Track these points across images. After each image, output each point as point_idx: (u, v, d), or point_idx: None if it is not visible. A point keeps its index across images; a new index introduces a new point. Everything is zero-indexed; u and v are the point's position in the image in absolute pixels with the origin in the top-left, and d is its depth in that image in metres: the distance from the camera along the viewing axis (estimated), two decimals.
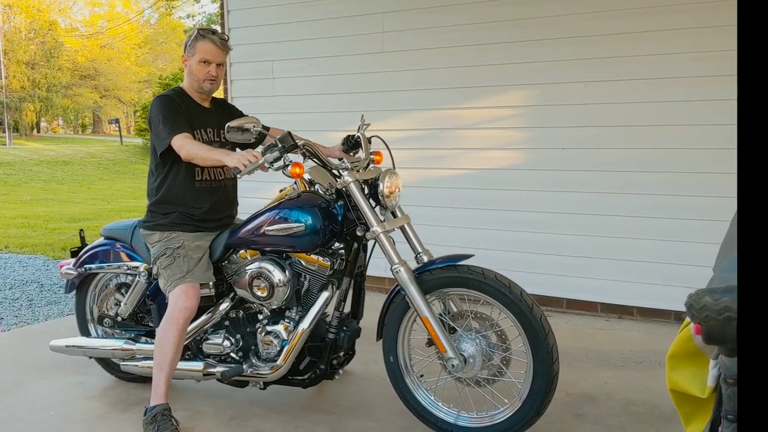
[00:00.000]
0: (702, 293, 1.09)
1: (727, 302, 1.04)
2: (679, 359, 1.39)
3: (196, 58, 3.09)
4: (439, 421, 2.92)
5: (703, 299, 1.08)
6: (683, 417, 1.43)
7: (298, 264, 3.07)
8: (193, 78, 3.13)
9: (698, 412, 1.39)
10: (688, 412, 1.41)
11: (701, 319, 1.08)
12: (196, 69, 3.10)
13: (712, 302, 1.06)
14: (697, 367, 1.36)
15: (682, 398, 1.40)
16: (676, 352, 1.39)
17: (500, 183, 5.01)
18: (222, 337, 3.21)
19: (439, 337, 2.78)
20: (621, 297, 4.70)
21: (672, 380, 1.42)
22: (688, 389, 1.38)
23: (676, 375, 1.40)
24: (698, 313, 1.09)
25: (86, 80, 41.75)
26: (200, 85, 3.13)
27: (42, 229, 9.88)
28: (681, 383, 1.39)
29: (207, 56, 3.08)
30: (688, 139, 4.39)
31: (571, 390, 3.44)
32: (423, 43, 5.15)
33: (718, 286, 1.08)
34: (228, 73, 5.99)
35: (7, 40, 37.44)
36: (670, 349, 1.42)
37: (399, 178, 3.06)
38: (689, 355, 1.37)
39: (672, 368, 1.41)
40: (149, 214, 3.25)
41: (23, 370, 3.82)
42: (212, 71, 3.10)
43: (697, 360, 1.36)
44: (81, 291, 3.66)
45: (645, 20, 4.42)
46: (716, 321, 1.06)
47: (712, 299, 1.07)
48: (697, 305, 1.09)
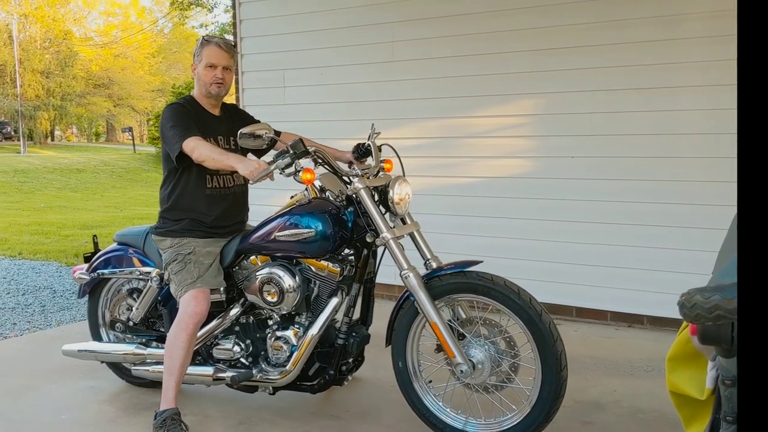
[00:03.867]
0: (693, 292, 1.10)
1: (717, 300, 1.06)
2: (678, 361, 1.41)
3: (202, 63, 3.14)
4: (447, 427, 2.92)
5: (694, 298, 1.10)
6: (683, 419, 1.44)
7: (308, 270, 3.09)
8: (202, 84, 3.17)
9: (698, 415, 1.40)
10: (688, 415, 1.42)
11: (693, 318, 1.10)
12: (203, 74, 3.15)
13: (703, 301, 1.08)
14: (696, 369, 1.37)
15: (681, 400, 1.42)
16: (676, 354, 1.40)
17: (509, 191, 5.03)
18: (232, 343, 3.24)
19: (448, 343, 2.79)
20: (631, 305, 4.69)
21: (671, 382, 1.43)
22: (687, 391, 1.39)
23: (676, 377, 1.41)
24: (689, 312, 1.10)
25: (100, 89, 42.18)
26: (208, 90, 3.17)
27: (55, 235, 9.97)
28: (680, 385, 1.40)
29: (212, 60, 3.13)
30: (698, 147, 4.39)
31: (579, 398, 3.44)
32: (433, 52, 5.18)
33: (710, 286, 1.09)
34: (240, 82, 6.05)
35: (22, 49, 37.87)
36: (669, 352, 1.43)
37: (409, 186, 3.08)
38: (688, 357, 1.38)
39: (671, 370, 1.43)
40: (161, 220, 3.28)
41: (36, 374, 3.86)
42: (218, 74, 3.15)
43: (696, 362, 1.37)
44: (93, 296, 3.69)
45: (652, 30, 4.43)
46: (707, 319, 1.08)
47: (702, 298, 1.08)
48: (688, 304, 1.10)
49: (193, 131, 2.99)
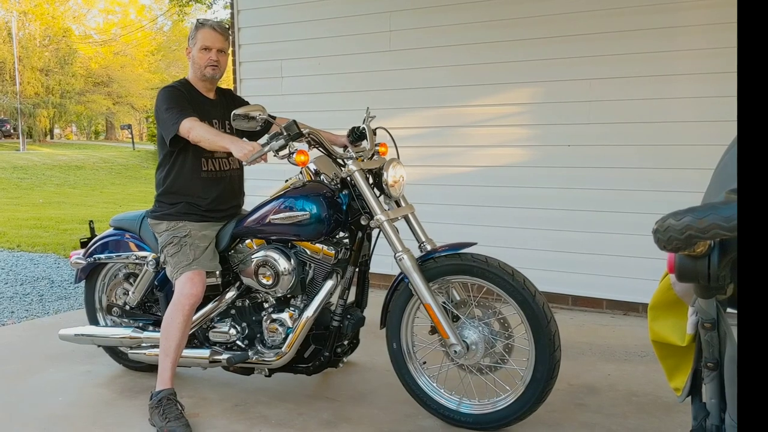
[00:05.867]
0: (666, 217, 1.12)
1: (689, 221, 1.07)
2: (660, 310, 1.42)
3: (197, 46, 3.15)
4: (441, 407, 2.94)
5: (667, 221, 1.11)
6: (666, 371, 1.46)
7: (303, 253, 3.10)
8: (197, 66, 3.18)
9: (681, 366, 1.41)
10: (671, 366, 1.44)
11: (666, 242, 1.11)
12: (198, 57, 3.16)
13: (675, 223, 1.09)
14: (677, 318, 1.39)
15: (664, 350, 1.43)
16: (657, 302, 1.42)
17: (506, 180, 5.04)
18: (228, 325, 3.25)
19: (442, 324, 2.80)
20: (627, 293, 4.71)
21: (654, 331, 1.44)
22: (669, 338, 1.40)
23: (657, 325, 1.42)
24: (663, 236, 1.11)
25: (99, 87, 42.14)
26: (203, 72, 3.17)
27: (54, 229, 9.98)
28: (662, 333, 1.41)
29: (207, 42, 3.14)
30: (696, 135, 4.40)
31: (574, 381, 3.45)
32: (430, 41, 5.20)
33: (682, 210, 1.11)
34: (237, 72, 6.06)
35: (21, 46, 37.85)
36: (651, 300, 1.44)
37: (403, 168, 3.09)
38: (669, 305, 1.39)
39: (653, 319, 1.44)
40: (157, 204, 3.30)
41: (33, 359, 3.88)
42: (213, 56, 3.16)
43: (678, 309, 1.38)
44: (90, 281, 3.71)
45: (651, 17, 4.44)
46: (679, 241, 1.09)
47: (675, 220, 1.10)
48: (661, 228, 1.11)
49: (188, 112, 3.00)
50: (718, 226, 1.05)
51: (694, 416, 1.37)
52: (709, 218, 1.05)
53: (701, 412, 1.34)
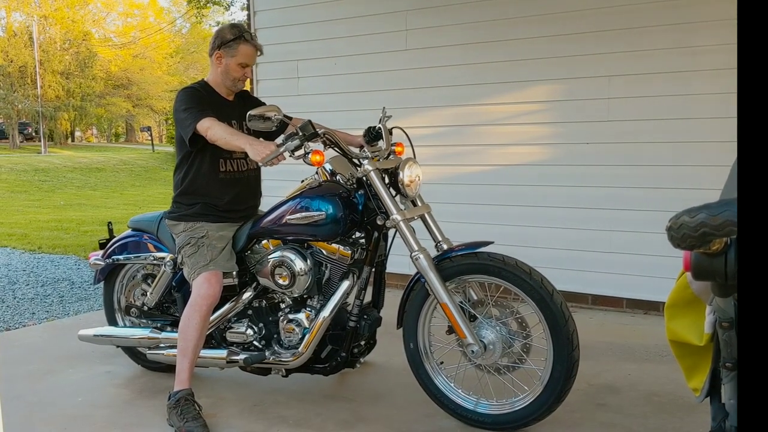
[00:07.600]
0: (680, 214, 1.09)
1: (703, 218, 1.05)
2: (677, 308, 1.39)
3: (236, 59, 3.15)
4: (458, 407, 2.92)
5: (681, 218, 1.08)
6: (685, 371, 1.43)
7: (320, 253, 3.10)
8: (228, 77, 3.18)
9: (699, 365, 1.38)
10: (690, 365, 1.41)
11: (680, 239, 1.08)
12: (233, 69, 3.17)
13: (689, 220, 1.07)
14: (695, 316, 1.36)
15: (682, 350, 1.40)
16: (675, 301, 1.39)
17: (524, 179, 5.00)
18: (245, 326, 3.25)
19: (459, 323, 2.79)
20: (647, 293, 4.65)
21: (671, 330, 1.42)
22: (687, 338, 1.37)
23: (675, 324, 1.40)
24: (677, 233, 1.09)
25: (119, 89, 42.55)
26: (235, 84, 3.22)
27: (74, 231, 10.08)
28: (679, 332, 1.39)
29: (247, 60, 3.17)
30: (715, 132, 4.34)
31: (594, 381, 3.42)
32: (446, 40, 5.17)
33: (696, 206, 1.08)
34: (254, 73, 6.08)
35: (42, 50, 38.31)
36: (668, 299, 1.42)
37: (419, 167, 3.08)
38: (687, 303, 1.37)
39: (671, 318, 1.41)
40: (174, 205, 3.31)
41: (53, 359, 3.91)
42: (248, 73, 3.23)
43: (695, 308, 1.36)
44: (109, 282, 3.73)
45: (670, 13, 4.39)
46: (693, 239, 1.06)
47: (689, 217, 1.07)
48: (675, 225, 1.09)
49: (207, 112, 3.01)
50: (733, 224, 1.02)
51: (713, 417, 1.35)
52: (724, 215, 1.03)
53: (720, 413, 1.32)
